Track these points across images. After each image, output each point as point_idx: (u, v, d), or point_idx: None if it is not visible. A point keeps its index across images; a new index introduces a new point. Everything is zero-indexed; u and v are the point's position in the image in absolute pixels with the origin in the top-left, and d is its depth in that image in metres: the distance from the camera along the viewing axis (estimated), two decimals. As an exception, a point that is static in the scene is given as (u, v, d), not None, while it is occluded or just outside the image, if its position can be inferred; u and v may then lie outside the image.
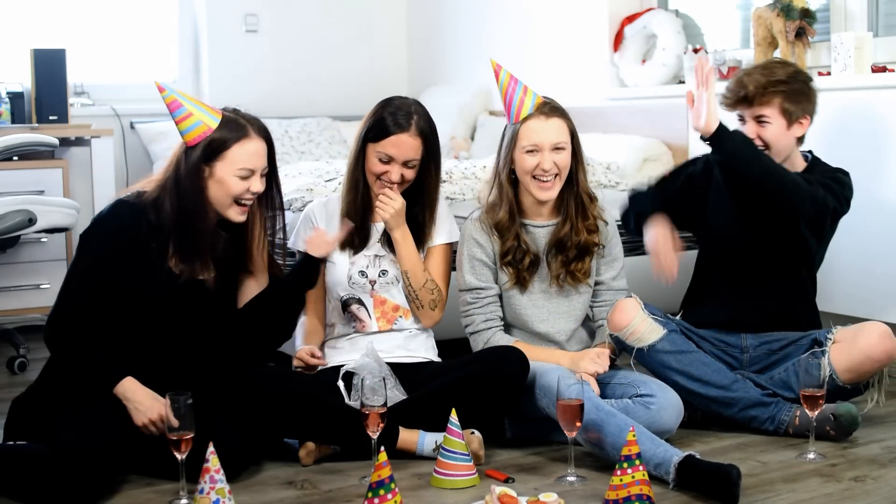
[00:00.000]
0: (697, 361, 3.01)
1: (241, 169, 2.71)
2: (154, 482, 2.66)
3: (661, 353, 3.00)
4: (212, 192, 2.72)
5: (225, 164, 2.70)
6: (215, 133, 2.70)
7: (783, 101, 3.08)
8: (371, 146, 3.00)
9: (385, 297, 3.06)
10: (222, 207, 2.73)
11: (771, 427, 2.98)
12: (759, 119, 3.10)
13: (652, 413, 2.83)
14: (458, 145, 5.43)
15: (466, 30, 5.88)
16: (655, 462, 2.59)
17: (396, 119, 2.98)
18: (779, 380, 3.04)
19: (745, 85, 3.10)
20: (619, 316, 3.02)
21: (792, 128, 3.11)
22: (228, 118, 2.74)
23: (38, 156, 4.61)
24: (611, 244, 3.16)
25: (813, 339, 3.06)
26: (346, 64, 6.05)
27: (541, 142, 2.97)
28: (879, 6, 4.07)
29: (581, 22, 5.13)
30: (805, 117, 3.12)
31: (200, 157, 2.69)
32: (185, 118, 2.70)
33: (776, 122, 3.09)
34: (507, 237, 3.04)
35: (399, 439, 2.80)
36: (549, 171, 2.97)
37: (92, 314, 2.67)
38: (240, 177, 2.71)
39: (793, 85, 3.09)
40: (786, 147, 3.12)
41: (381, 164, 2.99)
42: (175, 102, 2.71)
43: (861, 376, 2.99)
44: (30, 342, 4.24)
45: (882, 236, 3.70)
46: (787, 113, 3.08)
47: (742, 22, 4.77)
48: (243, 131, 2.73)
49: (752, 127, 3.11)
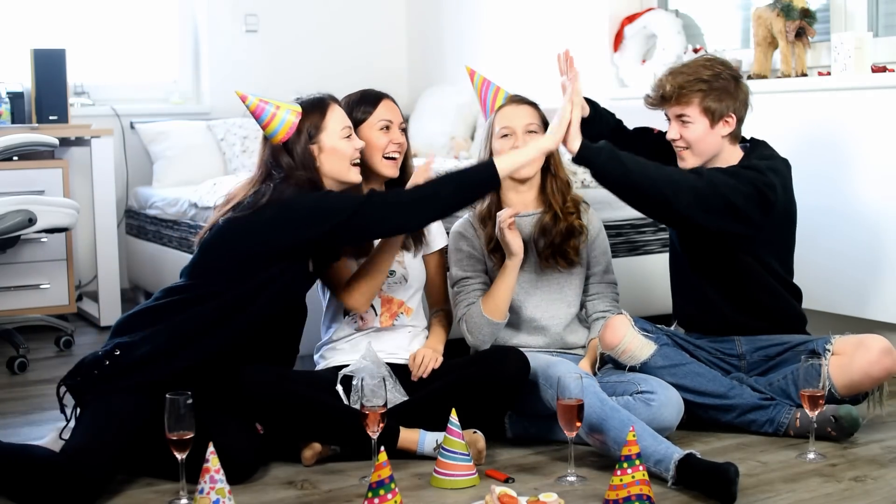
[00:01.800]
0: (692, 373, 3.00)
1: (344, 128, 2.88)
2: (154, 482, 2.67)
3: (654, 368, 2.99)
4: (327, 166, 2.85)
5: (328, 133, 2.85)
6: (306, 117, 2.84)
7: (703, 101, 3.01)
8: (364, 127, 3.03)
9: (392, 295, 3.08)
10: (342, 174, 2.87)
11: (770, 429, 2.98)
12: (681, 118, 3.05)
13: (653, 410, 2.83)
14: (458, 145, 5.42)
15: (466, 30, 5.88)
16: (656, 459, 2.59)
17: (370, 92, 3.10)
18: (778, 388, 3.03)
19: (663, 85, 3.05)
20: (611, 334, 3.02)
21: (716, 127, 3.03)
22: (306, 101, 2.90)
23: (38, 156, 4.62)
24: (598, 239, 3.22)
25: (811, 350, 3.01)
26: (346, 64, 6.05)
27: (512, 124, 3.10)
28: (879, 6, 4.07)
29: (581, 22, 5.13)
30: (730, 116, 3.03)
31: (307, 139, 2.83)
32: (272, 118, 2.82)
33: (698, 122, 3.02)
34: (488, 225, 3.13)
35: (399, 439, 2.80)
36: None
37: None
38: (344, 136, 2.87)
39: (714, 83, 3.01)
40: (710, 146, 3.05)
41: (384, 134, 3.03)
42: (259, 106, 2.83)
43: (860, 391, 2.97)
44: (30, 342, 4.25)
45: (882, 236, 3.70)
46: (709, 112, 3.01)
47: (742, 22, 4.77)
48: (325, 103, 2.90)
49: (675, 126, 3.07)
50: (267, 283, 2.73)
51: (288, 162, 2.81)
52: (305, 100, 2.90)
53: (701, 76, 3.02)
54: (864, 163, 3.68)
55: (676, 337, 3.12)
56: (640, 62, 4.89)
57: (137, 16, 5.73)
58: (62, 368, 2.80)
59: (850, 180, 3.71)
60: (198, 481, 2.34)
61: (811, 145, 3.80)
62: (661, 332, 3.08)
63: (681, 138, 3.06)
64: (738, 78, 3.08)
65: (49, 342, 4.50)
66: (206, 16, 5.80)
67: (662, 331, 3.10)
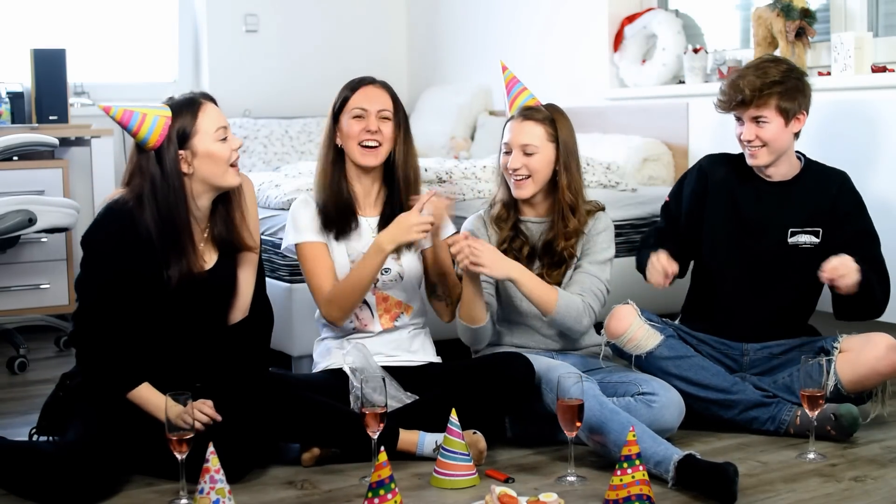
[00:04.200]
0: (696, 366, 3.01)
1: (218, 130, 2.70)
2: (154, 482, 2.66)
3: (659, 359, 3.00)
4: (202, 171, 2.69)
5: (201, 136, 2.68)
6: (176, 120, 2.67)
7: (779, 101, 3.07)
8: (343, 116, 2.99)
9: (388, 293, 3.05)
10: (218, 178, 2.71)
11: (772, 427, 2.98)
12: (757, 120, 3.09)
13: (654, 411, 2.83)
14: (458, 145, 5.42)
15: (466, 30, 5.88)
16: (656, 460, 2.59)
17: (356, 79, 3.04)
18: (782, 384, 3.04)
19: (741, 89, 3.08)
20: (616, 323, 3.03)
21: (790, 125, 3.10)
22: (175, 102, 2.71)
23: (38, 156, 4.61)
24: (600, 236, 3.12)
25: (819, 347, 3.05)
26: (346, 64, 6.03)
27: (511, 142, 3.08)
28: (879, 6, 4.07)
29: (581, 22, 5.13)
30: (802, 113, 3.12)
31: (176, 146, 2.67)
32: (142, 124, 2.65)
33: (774, 122, 3.08)
34: (504, 228, 3.12)
35: (399, 440, 2.79)
36: (518, 171, 3.05)
37: (112, 312, 2.66)
38: (219, 139, 2.70)
39: (787, 83, 3.08)
40: (784, 144, 3.12)
41: (357, 123, 2.96)
42: (126, 114, 2.65)
43: (866, 388, 3.00)
44: (30, 342, 4.25)
45: (882, 236, 3.69)
46: (785, 111, 3.08)
47: (742, 22, 4.77)
48: (196, 103, 2.71)
49: (751, 127, 3.11)
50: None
51: (153, 174, 2.66)
52: (175, 101, 2.72)
53: (774, 78, 3.07)
54: (864, 163, 3.68)
55: (681, 331, 3.13)
56: (640, 62, 4.89)
57: (137, 16, 5.73)
58: (62, 368, 2.80)
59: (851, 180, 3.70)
60: (198, 481, 2.34)
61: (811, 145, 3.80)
62: (666, 325, 3.09)
63: (756, 138, 3.09)
64: (803, 76, 3.15)
65: (49, 342, 4.50)
66: (206, 16, 5.80)
67: (668, 324, 3.10)
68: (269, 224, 3.73)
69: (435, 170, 3.98)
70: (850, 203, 3.17)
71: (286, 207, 3.74)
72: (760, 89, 3.06)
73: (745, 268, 3.16)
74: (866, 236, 3.13)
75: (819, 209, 3.15)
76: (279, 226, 3.63)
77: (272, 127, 5.60)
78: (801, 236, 3.14)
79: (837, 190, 3.17)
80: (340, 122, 3.00)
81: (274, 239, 3.60)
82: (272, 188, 3.93)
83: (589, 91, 5.06)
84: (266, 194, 3.93)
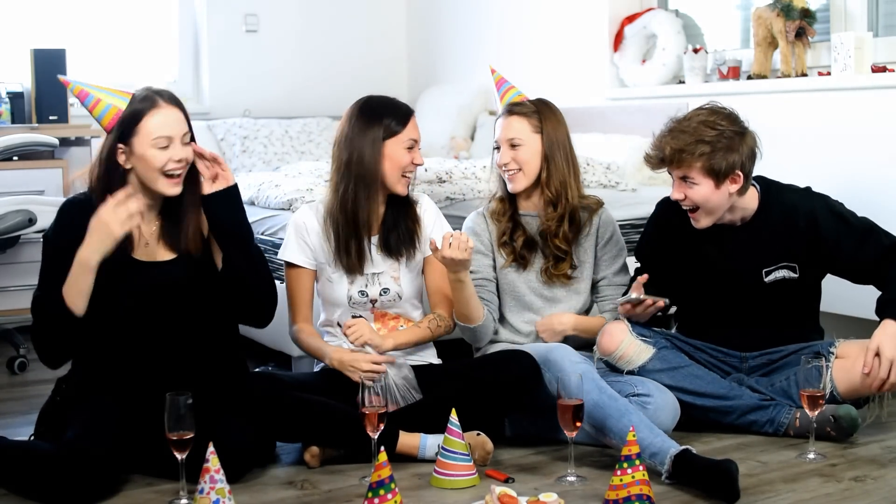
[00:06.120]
0: (690, 376, 2.99)
1: (158, 138, 2.62)
2: (154, 482, 2.66)
3: (652, 372, 2.98)
4: (137, 170, 2.66)
5: (140, 137, 2.62)
6: (126, 110, 2.64)
7: (706, 163, 2.86)
8: (391, 142, 2.96)
9: (386, 311, 3.04)
10: (150, 183, 2.65)
11: (771, 430, 2.98)
12: (685, 179, 2.91)
13: (649, 412, 2.83)
14: (458, 145, 5.43)
15: (466, 30, 5.88)
16: (652, 451, 2.59)
17: (399, 106, 3.02)
18: (779, 388, 3.02)
19: (662, 147, 2.90)
20: (608, 340, 3.01)
21: (722, 186, 2.89)
22: (136, 95, 2.67)
23: (38, 156, 4.61)
24: (611, 242, 3.20)
25: (815, 352, 2.99)
26: (346, 64, 6.05)
27: (498, 137, 3.16)
28: (879, 6, 4.07)
29: (581, 22, 5.13)
30: (737, 174, 2.88)
31: (115, 138, 2.64)
32: (95, 105, 2.64)
33: (703, 183, 2.88)
34: (502, 221, 3.17)
35: (399, 443, 2.78)
36: (508, 166, 3.12)
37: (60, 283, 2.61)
38: (158, 147, 2.63)
39: (717, 143, 2.85)
40: (718, 204, 2.92)
41: (407, 153, 2.98)
42: (82, 92, 2.65)
43: (861, 396, 2.97)
44: (30, 342, 4.24)
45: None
46: (713, 173, 2.87)
47: (742, 22, 4.77)
48: (152, 102, 2.64)
49: (680, 187, 2.93)
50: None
51: (99, 156, 2.65)
52: (139, 93, 2.66)
53: (703, 137, 2.86)
54: (864, 163, 3.68)
55: (675, 339, 3.11)
56: (640, 62, 4.89)
57: (137, 16, 5.73)
58: (62, 368, 2.80)
59: (851, 180, 3.70)
60: (198, 481, 2.34)
61: (811, 145, 3.80)
62: (659, 335, 3.06)
63: (686, 198, 2.93)
64: (742, 132, 2.91)
65: (49, 342, 4.50)
66: (206, 16, 5.80)
67: (661, 334, 3.08)
68: (269, 224, 3.73)
69: (435, 170, 3.98)
70: (831, 230, 2.98)
71: (286, 207, 3.75)
72: (682, 150, 2.87)
73: (729, 305, 3.08)
74: (867, 237, 2.99)
75: (790, 248, 3.00)
76: (279, 226, 3.63)
77: (272, 127, 5.60)
78: (779, 272, 3.02)
79: (807, 225, 2.99)
80: (385, 147, 2.95)
81: (274, 239, 3.60)
82: (272, 188, 3.93)
83: (589, 91, 5.06)
84: (266, 194, 3.93)
